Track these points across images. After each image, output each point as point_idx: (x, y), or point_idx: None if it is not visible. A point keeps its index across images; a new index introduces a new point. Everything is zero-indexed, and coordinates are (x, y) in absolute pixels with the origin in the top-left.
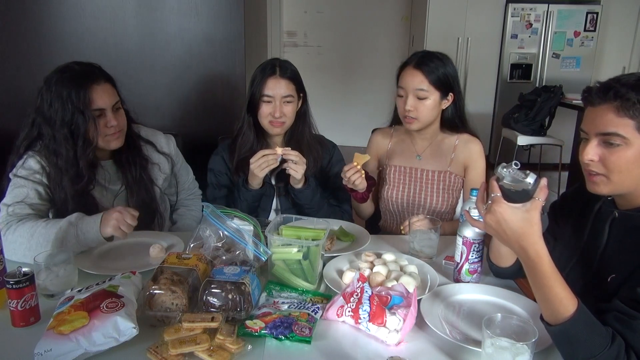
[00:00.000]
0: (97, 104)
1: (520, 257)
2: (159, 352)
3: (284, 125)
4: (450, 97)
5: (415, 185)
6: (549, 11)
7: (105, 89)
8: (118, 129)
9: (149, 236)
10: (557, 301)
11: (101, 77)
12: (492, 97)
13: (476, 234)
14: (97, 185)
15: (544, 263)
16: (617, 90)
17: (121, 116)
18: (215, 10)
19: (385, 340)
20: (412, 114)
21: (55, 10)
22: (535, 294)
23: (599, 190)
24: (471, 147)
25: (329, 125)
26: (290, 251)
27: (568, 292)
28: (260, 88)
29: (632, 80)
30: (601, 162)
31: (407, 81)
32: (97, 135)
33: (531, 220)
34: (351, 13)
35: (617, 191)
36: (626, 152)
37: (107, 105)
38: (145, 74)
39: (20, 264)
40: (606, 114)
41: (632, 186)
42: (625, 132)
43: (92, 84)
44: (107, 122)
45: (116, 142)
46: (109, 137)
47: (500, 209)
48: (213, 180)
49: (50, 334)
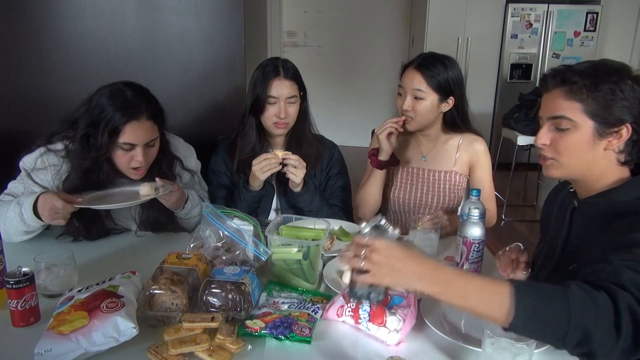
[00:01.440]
0: (129, 138)
1: (424, 281)
2: (159, 352)
3: (287, 125)
4: (451, 101)
5: (422, 186)
6: (549, 11)
7: (143, 127)
8: (144, 164)
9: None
10: (491, 292)
11: (144, 113)
12: (492, 97)
13: (476, 234)
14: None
15: (446, 267)
16: (564, 75)
17: (152, 153)
18: (215, 10)
19: (385, 340)
20: (409, 113)
21: (55, 10)
22: (469, 305)
23: (551, 174)
24: (476, 146)
25: (329, 125)
26: (290, 251)
27: (490, 279)
28: (265, 89)
29: (583, 67)
30: (552, 146)
31: (406, 80)
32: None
33: (405, 244)
34: (351, 13)
35: (569, 175)
36: (574, 135)
37: (140, 142)
38: (145, 74)
39: (20, 264)
40: (556, 98)
41: (583, 170)
42: (572, 115)
43: (133, 119)
44: (134, 156)
45: (138, 175)
46: (131, 170)
47: (379, 242)
48: (213, 180)
49: (50, 334)
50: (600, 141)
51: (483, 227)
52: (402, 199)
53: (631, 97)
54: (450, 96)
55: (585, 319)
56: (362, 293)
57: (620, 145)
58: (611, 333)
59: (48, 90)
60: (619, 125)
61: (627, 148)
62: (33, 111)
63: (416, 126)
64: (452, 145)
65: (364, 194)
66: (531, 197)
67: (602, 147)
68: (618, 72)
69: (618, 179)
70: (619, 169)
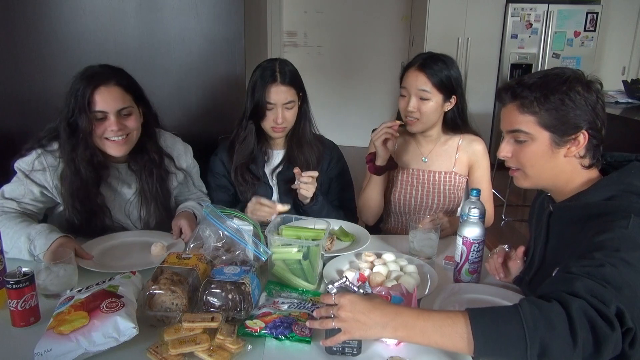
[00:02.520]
0: (99, 105)
1: (389, 329)
2: (159, 352)
3: (285, 130)
4: (453, 100)
5: (423, 188)
6: (549, 11)
7: (111, 93)
8: (122, 134)
9: (150, 235)
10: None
11: (112, 80)
12: (492, 97)
13: (476, 234)
14: (107, 187)
15: (406, 310)
16: (514, 90)
17: (131, 121)
18: (215, 10)
19: (385, 340)
20: (415, 114)
21: (55, 10)
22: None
23: (520, 184)
24: (475, 147)
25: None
26: (290, 251)
27: (447, 312)
28: (263, 96)
29: (534, 79)
30: (514, 158)
31: (410, 82)
32: (94, 137)
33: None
34: (351, 13)
35: (538, 184)
36: (532, 146)
37: (110, 109)
38: (145, 74)
39: (20, 263)
40: (511, 112)
41: (550, 178)
42: (527, 128)
43: (100, 85)
44: (107, 125)
45: (116, 148)
46: (107, 141)
47: (343, 298)
48: (211, 182)
49: (50, 334)
50: (558, 149)
51: (483, 227)
52: (403, 201)
53: (582, 104)
54: (452, 95)
55: (539, 332)
56: (336, 349)
57: (580, 151)
58: (567, 342)
59: (48, 91)
60: (575, 133)
61: (588, 152)
62: (33, 111)
63: (421, 127)
64: (451, 146)
65: (365, 200)
66: (531, 197)
67: (562, 155)
68: (567, 81)
69: (587, 180)
70: (587, 172)
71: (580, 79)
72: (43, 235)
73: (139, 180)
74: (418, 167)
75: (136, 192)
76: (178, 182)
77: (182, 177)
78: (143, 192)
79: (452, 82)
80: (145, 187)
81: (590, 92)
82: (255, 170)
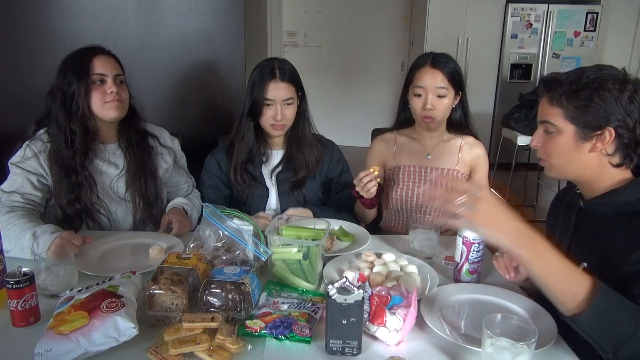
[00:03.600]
0: (99, 69)
1: (517, 242)
2: (159, 352)
3: (284, 127)
4: (459, 96)
5: (425, 184)
6: (549, 11)
7: (108, 60)
8: (119, 97)
9: (149, 237)
10: (571, 279)
11: (106, 51)
12: (492, 97)
13: (476, 234)
14: (93, 168)
15: (541, 238)
16: (547, 83)
17: (123, 90)
18: (215, 9)
19: (385, 340)
20: (432, 112)
21: (54, 10)
22: (546, 280)
23: (548, 174)
24: (477, 151)
25: (329, 125)
26: (290, 251)
27: (576, 268)
28: (262, 92)
29: (566, 75)
30: (543, 148)
31: (426, 80)
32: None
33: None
34: (351, 13)
35: (563, 176)
36: (559, 139)
37: (109, 73)
38: (145, 74)
39: (20, 263)
40: (544, 104)
41: (575, 171)
42: (555, 120)
43: (97, 54)
44: (107, 88)
45: (115, 111)
46: (107, 104)
47: (486, 192)
48: (205, 181)
49: (50, 334)
50: (583, 144)
51: None
52: (404, 198)
53: (612, 102)
54: (459, 90)
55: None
56: (336, 349)
57: (608, 149)
58: None
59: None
60: (600, 129)
61: (618, 151)
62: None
63: (437, 125)
64: (454, 145)
65: (360, 215)
66: (531, 197)
67: (586, 150)
68: (600, 78)
69: (620, 179)
70: (618, 171)
71: (616, 77)
72: (47, 233)
73: (126, 157)
74: (421, 164)
75: (123, 170)
76: (167, 164)
77: (170, 161)
78: (130, 166)
79: (460, 76)
80: (132, 160)
81: (623, 92)
82: (252, 171)
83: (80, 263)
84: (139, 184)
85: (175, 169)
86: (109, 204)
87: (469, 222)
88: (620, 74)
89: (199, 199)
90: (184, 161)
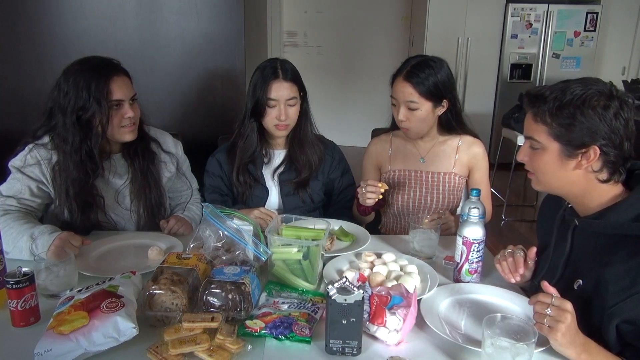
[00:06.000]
0: (116, 95)
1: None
2: (159, 352)
3: (288, 127)
4: (445, 104)
5: (421, 188)
6: (549, 11)
7: (124, 82)
8: (134, 121)
9: (148, 238)
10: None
11: (121, 70)
12: (492, 97)
13: (476, 234)
14: (102, 177)
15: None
16: (531, 99)
17: (136, 109)
18: (215, 10)
19: (385, 340)
20: (405, 124)
21: (54, 11)
22: None
23: (535, 187)
24: (475, 150)
25: (329, 125)
26: (290, 251)
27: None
28: (265, 92)
29: (550, 91)
30: (529, 163)
31: (397, 92)
32: (110, 126)
33: None
34: (351, 13)
35: (550, 190)
36: (544, 155)
37: (126, 97)
38: (145, 74)
39: (20, 263)
40: (528, 119)
41: (562, 187)
42: (539, 137)
43: (113, 75)
44: (124, 113)
45: (130, 134)
46: (124, 128)
47: (569, 305)
48: (205, 181)
49: (50, 334)
50: (568, 161)
51: (483, 227)
52: (401, 202)
53: (596, 120)
54: (443, 100)
55: None
56: (336, 349)
57: (594, 166)
58: None
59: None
60: (585, 147)
61: (605, 167)
62: (32, 112)
63: (415, 134)
64: (450, 147)
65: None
66: (531, 197)
67: (571, 167)
68: (584, 95)
69: (612, 195)
70: (607, 186)
71: (601, 93)
72: (46, 234)
73: (131, 166)
74: (416, 168)
75: (127, 180)
76: (170, 173)
77: (173, 169)
78: (135, 176)
79: (439, 88)
80: (137, 170)
81: (608, 109)
82: (254, 171)
83: (80, 263)
84: (144, 194)
85: (177, 176)
86: (115, 216)
87: (551, 331)
88: (606, 89)
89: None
90: (187, 165)
